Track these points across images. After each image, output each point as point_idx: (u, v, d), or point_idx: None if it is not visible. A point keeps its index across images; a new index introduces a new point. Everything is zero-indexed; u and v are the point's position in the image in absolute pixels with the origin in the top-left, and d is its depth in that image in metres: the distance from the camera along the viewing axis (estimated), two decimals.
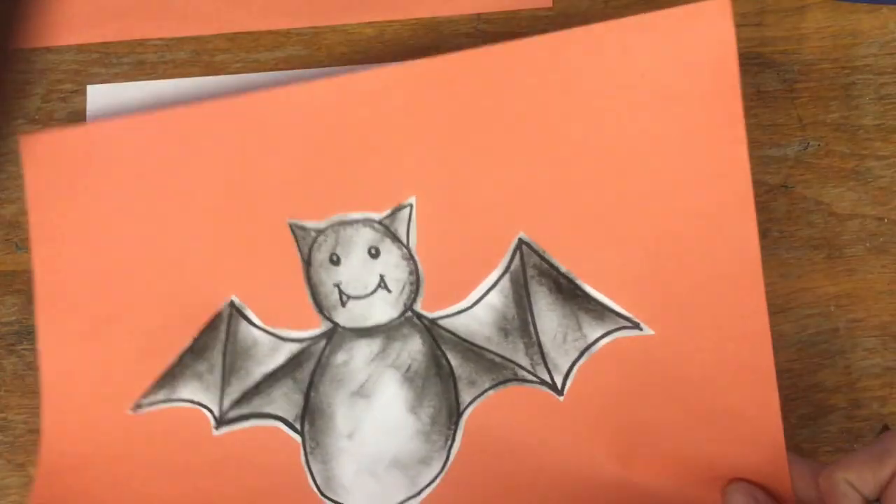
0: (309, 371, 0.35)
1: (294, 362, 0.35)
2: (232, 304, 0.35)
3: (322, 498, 0.35)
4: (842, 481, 0.26)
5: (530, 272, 0.35)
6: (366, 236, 0.35)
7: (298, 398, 0.35)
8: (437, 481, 0.35)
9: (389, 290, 0.35)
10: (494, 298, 0.35)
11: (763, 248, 0.32)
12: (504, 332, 0.35)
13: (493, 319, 0.35)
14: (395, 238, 0.35)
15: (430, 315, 0.35)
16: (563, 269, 0.35)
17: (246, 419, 0.35)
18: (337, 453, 0.35)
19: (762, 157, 0.37)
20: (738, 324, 0.33)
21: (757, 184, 0.33)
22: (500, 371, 0.35)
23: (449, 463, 0.35)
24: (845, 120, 0.37)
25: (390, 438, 0.35)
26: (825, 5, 0.38)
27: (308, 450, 0.35)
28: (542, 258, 0.35)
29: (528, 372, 0.35)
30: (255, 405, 0.35)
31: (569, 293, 0.35)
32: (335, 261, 0.35)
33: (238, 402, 0.35)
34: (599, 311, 0.34)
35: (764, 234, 0.36)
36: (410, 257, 0.35)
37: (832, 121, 0.37)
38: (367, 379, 0.35)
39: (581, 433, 0.34)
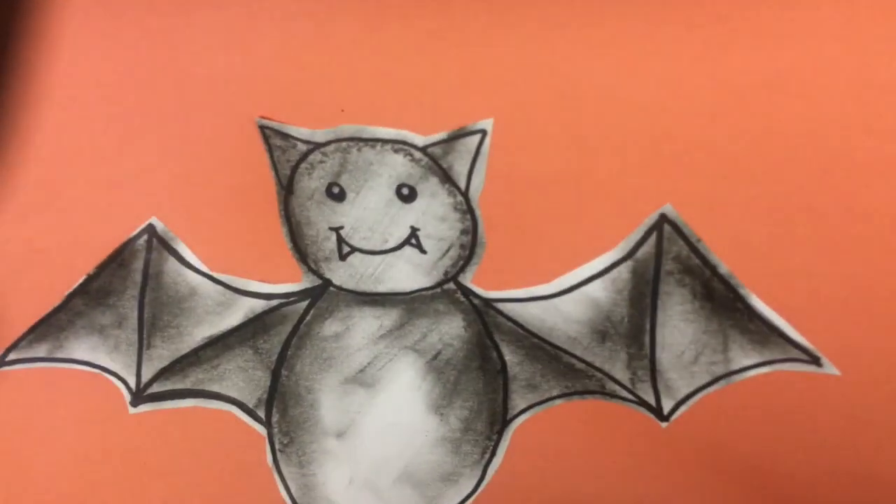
0: (280, 341, 0.27)
1: (256, 326, 0.26)
2: (151, 231, 0.26)
3: None
4: None
5: (668, 265, 0.24)
6: (396, 167, 0.25)
7: (262, 377, 0.27)
8: None
9: (423, 251, 0.25)
10: (599, 290, 0.25)
11: None
12: (601, 335, 0.25)
13: (589, 317, 0.25)
14: (445, 177, 0.25)
15: (485, 294, 0.26)
16: (724, 269, 0.24)
17: (180, 397, 0.27)
18: (320, 456, 0.27)
19: None
20: None
21: None
22: (580, 379, 0.26)
23: (484, 482, 0.27)
24: None
25: (401, 444, 0.27)
26: None
27: (277, 447, 0.27)
28: (694, 249, 0.24)
29: (625, 388, 0.25)
30: (195, 380, 0.27)
31: (723, 303, 0.24)
32: (336, 194, 0.25)
33: (167, 373, 0.27)
34: (763, 334, 0.24)
35: None
36: (468, 210, 0.25)
37: None
38: (370, 362, 0.26)
39: (681, 470, 0.26)
